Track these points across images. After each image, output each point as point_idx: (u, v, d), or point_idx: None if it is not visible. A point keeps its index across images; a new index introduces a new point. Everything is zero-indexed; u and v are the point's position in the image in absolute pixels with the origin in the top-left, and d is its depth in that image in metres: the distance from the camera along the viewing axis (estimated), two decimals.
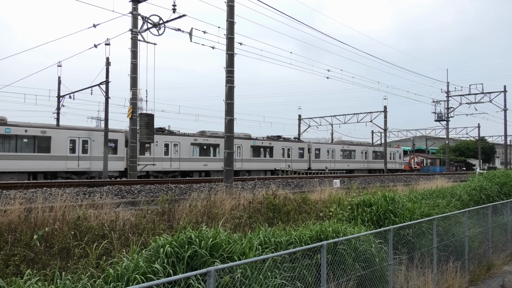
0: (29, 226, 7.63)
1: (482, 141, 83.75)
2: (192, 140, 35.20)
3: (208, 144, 36.19)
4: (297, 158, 43.97)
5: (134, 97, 25.08)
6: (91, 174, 29.19)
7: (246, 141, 39.06)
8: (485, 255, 10.93)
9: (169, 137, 33.96)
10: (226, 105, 19.27)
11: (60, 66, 36.55)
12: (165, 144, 33.14)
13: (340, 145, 51.39)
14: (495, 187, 16.29)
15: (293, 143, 44.54)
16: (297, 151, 44.13)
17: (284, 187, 20.82)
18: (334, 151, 49.02)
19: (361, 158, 52.95)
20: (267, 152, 41.12)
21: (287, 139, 45.22)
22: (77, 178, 28.20)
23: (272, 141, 41.73)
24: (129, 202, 12.88)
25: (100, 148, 29.00)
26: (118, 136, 30.99)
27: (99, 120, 65.86)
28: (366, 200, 10.47)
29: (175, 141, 33.92)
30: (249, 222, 10.39)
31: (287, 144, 43.49)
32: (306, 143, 46.10)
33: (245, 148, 38.76)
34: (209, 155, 36.16)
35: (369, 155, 54.48)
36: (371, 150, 55.12)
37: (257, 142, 40.03)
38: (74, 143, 28.77)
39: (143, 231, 8.34)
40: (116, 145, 30.58)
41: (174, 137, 34.35)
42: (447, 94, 59.28)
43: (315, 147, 46.69)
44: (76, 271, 6.40)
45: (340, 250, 6.54)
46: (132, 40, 24.34)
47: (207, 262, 5.57)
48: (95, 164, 29.18)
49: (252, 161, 39.28)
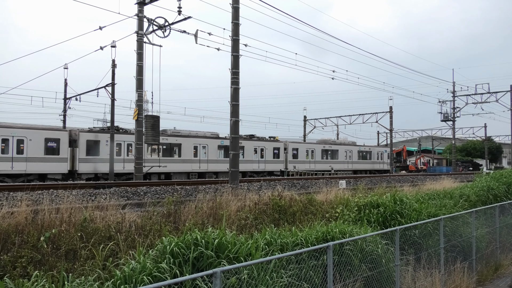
0: (36, 227, 7.66)
1: (488, 141, 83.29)
2: None
3: (168, 143, 33.46)
4: (271, 159, 41.16)
5: (140, 99, 25.16)
6: (28, 177, 26.81)
7: (212, 141, 36.70)
8: (493, 255, 10.85)
9: (123, 136, 31.35)
10: (232, 106, 19.29)
11: (67, 68, 36.69)
12: (117, 143, 30.56)
13: (321, 144, 48.46)
14: (503, 187, 16.18)
15: (267, 142, 41.64)
16: (271, 151, 41.32)
17: (290, 188, 20.80)
18: (314, 151, 46.11)
19: (345, 159, 49.84)
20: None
21: (261, 138, 42.18)
22: (11, 181, 25.94)
23: (243, 140, 38.03)
24: (135, 204, 12.93)
25: (38, 148, 27.20)
26: (61, 135, 28.83)
27: (105, 122, 66.08)
28: (374, 201, 10.43)
29: (128, 141, 31.23)
30: (255, 224, 10.38)
31: (260, 143, 40.62)
32: (282, 142, 43.41)
33: (212, 148, 36.29)
34: (171, 155, 33.63)
35: (353, 155, 51.15)
36: (356, 150, 51.80)
37: (225, 142, 36.19)
38: (6, 142, 26.28)
39: (149, 232, 8.36)
40: (58, 145, 28.31)
41: (127, 136, 31.59)
42: (453, 94, 59.02)
43: (292, 147, 43.91)
44: (82, 273, 6.42)
45: (347, 251, 6.52)
46: (137, 42, 24.42)
47: (213, 263, 5.57)
48: (32, 166, 27.02)
49: (220, 162, 36.40)
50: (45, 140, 27.88)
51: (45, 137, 27.94)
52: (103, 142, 30.02)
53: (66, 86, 37.54)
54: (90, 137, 29.93)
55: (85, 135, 29.81)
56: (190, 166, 34.46)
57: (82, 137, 29.44)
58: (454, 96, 59.06)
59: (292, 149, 43.69)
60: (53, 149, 28.20)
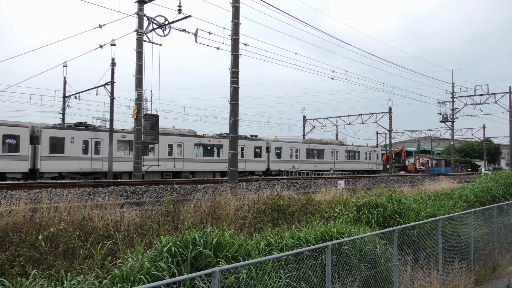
0: (34, 226, 7.65)
1: (487, 142, 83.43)
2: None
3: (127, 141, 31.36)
4: (252, 158, 39.01)
5: (139, 98, 25.12)
6: None
7: (189, 139, 35.01)
8: (491, 255, 10.87)
9: (91, 133, 29.42)
10: (231, 105, 19.28)
11: (66, 67, 36.75)
12: (84, 141, 28.94)
13: (306, 143, 46.70)
14: (501, 188, 16.19)
15: (248, 141, 39.58)
16: (252, 150, 39.25)
17: (289, 187, 20.79)
18: (298, 150, 44.33)
19: (331, 158, 48.15)
20: (216, 151, 36.74)
21: (242, 137, 39.39)
22: None
23: (222, 138, 36.98)
24: (134, 203, 12.90)
25: None
26: (21, 132, 26.72)
27: (104, 120, 66.04)
28: (372, 202, 10.44)
29: (97, 138, 29.49)
30: (253, 223, 10.37)
31: (241, 142, 38.19)
32: (265, 141, 41.76)
33: (188, 147, 34.36)
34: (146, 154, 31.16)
35: (340, 155, 49.44)
36: (343, 150, 50.10)
37: (202, 140, 35.68)
38: None
39: (147, 231, 8.35)
40: (17, 142, 26.36)
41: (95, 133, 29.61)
42: (452, 95, 59.07)
43: (275, 146, 42.09)
44: (81, 272, 6.42)
45: (345, 251, 6.52)
46: (137, 41, 24.39)
47: (211, 262, 5.56)
48: None
49: (197, 161, 34.91)
50: (4, 137, 25.98)
51: (3, 133, 26.06)
52: (68, 140, 28.25)
53: (65, 84, 37.59)
54: (54, 134, 27.94)
55: (48, 131, 27.84)
56: (164, 165, 32.57)
57: (45, 134, 27.54)
58: (453, 97, 59.11)
59: (275, 148, 42.16)
60: (13, 146, 26.26)
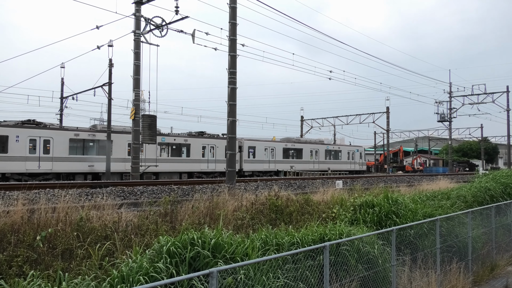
0: (32, 227, 7.64)
1: (485, 142, 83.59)
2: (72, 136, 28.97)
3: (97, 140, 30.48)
4: (223, 158, 34.74)
5: (137, 99, 25.09)
6: None
7: None
8: (489, 255, 10.89)
9: (40, 132, 27.85)
10: (229, 106, 19.29)
11: (63, 68, 36.70)
12: (31, 140, 27.22)
13: (283, 142, 44.87)
14: (499, 188, 16.22)
15: (218, 140, 37.40)
16: (223, 149, 35.62)
17: (287, 188, 20.81)
18: (274, 149, 42.39)
19: (310, 158, 46.40)
20: (183, 151, 35.04)
21: (212, 136, 38.15)
22: None
23: (189, 137, 35.55)
24: (132, 203, 12.90)
25: None
26: None
27: (101, 121, 65.95)
28: (369, 201, 10.46)
29: (46, 137, 27.90)
30: (251, 223, 10.37)
31: (210, 141, 36.83)
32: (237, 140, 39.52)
33: (152, 146, 31.89)
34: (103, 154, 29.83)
35: (320, 155, 47.78)
36: (323, 149, 48.39)
37: (167, 139, 33.97)
38: None
39: (145, 232, 8.35)
40: None
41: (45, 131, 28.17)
42: (450, 94, 59.21)
43: (248, 145, 39.71)
44: (79, 272, 6.41)
45: (343, 251, 6.53)
46: (135, 42, 24.37)
47: (209, 263, 5.57)
48: None
49: (161, 161, 33.18)
50: None
51: None
52: (12, 138, 26.23)
53: (63, 85, 37.53)
54: None
55: None
56: (123, 165, 30.62)
57: None
58: (450, 96, 59.25)
59: (248, 148, 39.83)
60: None
